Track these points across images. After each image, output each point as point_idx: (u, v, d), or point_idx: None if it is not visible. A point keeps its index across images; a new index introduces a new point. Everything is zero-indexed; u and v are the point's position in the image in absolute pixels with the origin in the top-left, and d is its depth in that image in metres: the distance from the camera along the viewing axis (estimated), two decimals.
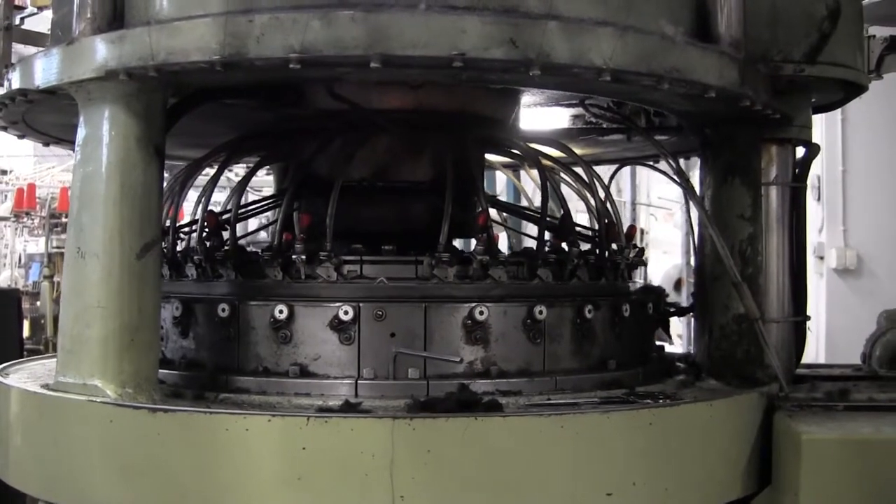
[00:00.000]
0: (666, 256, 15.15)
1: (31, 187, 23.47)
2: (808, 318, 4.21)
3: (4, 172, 26.84)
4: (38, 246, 24.42)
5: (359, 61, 2.90)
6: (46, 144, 4.44)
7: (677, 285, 14.46)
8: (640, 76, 3.10)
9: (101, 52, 3.14)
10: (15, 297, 12.31)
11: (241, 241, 3.90)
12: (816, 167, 12.33)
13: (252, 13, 2.96)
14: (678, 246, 16.27)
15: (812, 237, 12.65)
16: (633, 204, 15.98)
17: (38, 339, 16.88)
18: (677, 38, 3.25)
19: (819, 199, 12.74)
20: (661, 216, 18.00)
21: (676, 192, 3.83)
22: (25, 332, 14.63)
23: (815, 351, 12.37)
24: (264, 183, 12.85)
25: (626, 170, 15.50)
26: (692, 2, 3.47)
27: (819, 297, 12.67)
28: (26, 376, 3.76)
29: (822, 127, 12.17)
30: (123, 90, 3.19)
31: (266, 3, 3.03)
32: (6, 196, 25.28)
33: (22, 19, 6.31)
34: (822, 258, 12.59)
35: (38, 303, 19.56)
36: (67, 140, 3.57)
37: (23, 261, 26.05)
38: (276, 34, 2.91)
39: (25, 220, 24.26)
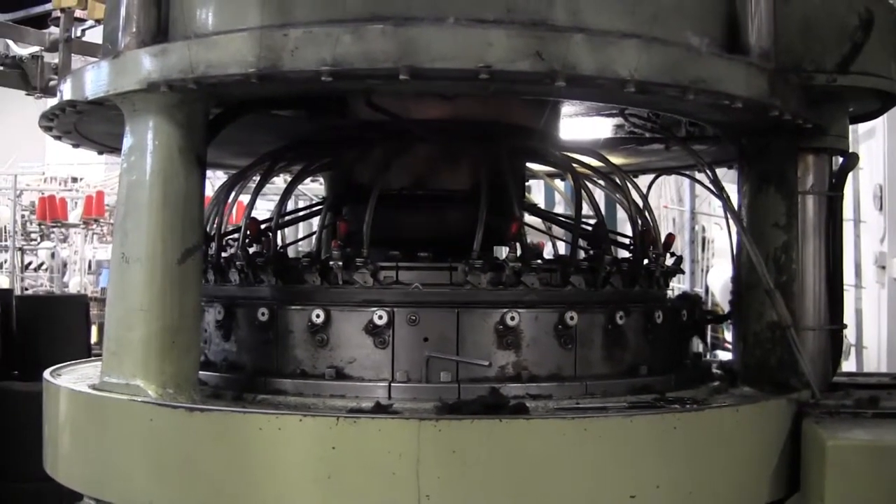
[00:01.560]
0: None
1: (100, 194, 23.81)
2: (845, 326, 4.23)
3: (75, 180, 27.23)
4: (107, 252, 24.73)
5: (388, 73, 2.99)
6: (100, 153, 4.57)
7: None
8: (665, 87, 3.16)
9: (145, 64, 3.26)
10: (83, 303, 12.52)
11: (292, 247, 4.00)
12: (878, 177, 12.35)
13: (287, 27, 3.06)
14: None
15: (874, 247, 12.57)
16: (692, 213, 15.93)
17: (102, 352, 17.04)
18: (703, 49, 3.31)
19: (881, 208, 12.64)
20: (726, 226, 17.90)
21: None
22: (93, 338, 14.84)
23: (875, 360, 12.30)
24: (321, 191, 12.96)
25: (687, 180, 15.47)
26: (722, 14, 3.51)
27: (881, 306, 12.58)
28: (76, 377, 3.89)
29: (884, 135, 12.11)
30: (166, 101, 3.31)
31: (300, 18, 3.12)
32: (76, 203, 25.63)
33: (83, 31, 6.48)
34: (883, 268, 12.49)
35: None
36: (118, 149, 3.68)
37: (92, 267, 26.39)
38: (310, 48, 3.01)
39: (94, 226, 24.62)
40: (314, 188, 14.74)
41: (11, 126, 32.04)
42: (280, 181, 12.99)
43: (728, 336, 11.91)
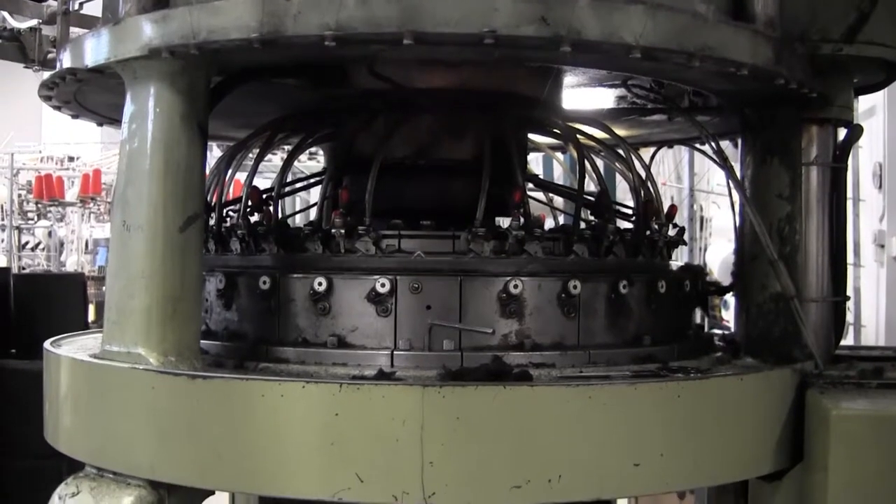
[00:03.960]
0: (731, 245, 15.12)
1: (97, 173, 23.80)
2: (848, 298, 4.23)
3: (72, 159, 27.21)
4: (104, 231, 24.74)
5: (392, 39, 2.96)
6: (100, 124, 4.55)
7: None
8: (671, 53, 3.13)
9: (146, 31, 3.23)
10: (81, 282, 12.50)
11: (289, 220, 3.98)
12: (878, 155, 12.34)
13: None
14: None
15: (873, 225, 12.57)
16: (692, 190, 15.92)
17: (103, 323, 17.08)
18: (709, 16, 3.28)
19: (881, 187, 12.63)
20: (724, 204, 17.91)
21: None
22: (90, 316, 14.83)
23: (874, 339, 12.31)
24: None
25: (686, 157, 15.48)
26: None
27: (879, 285, 12.59)
28: (77, 347, 3.87)
29: (884, 113, 12.10)
30: (167, 68, 3.28)
31: None
32: (73, 182, 25.62)
33: (81, 4, 6.45)
34: (882, 246, 12.49)
35: (104, 287, 19.84)
36: (118, 120, 3.66)
37: (89, 246, 26.40)
38: (313, 12, 2.98)
39: (91, 205, 24.61)
40: (311, 167, 14.73)
41: (8, 105, 32.03)
42: (277, 159, 13.03)
43: (725, 315, 11.91)
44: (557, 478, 3.01)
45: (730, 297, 4.38)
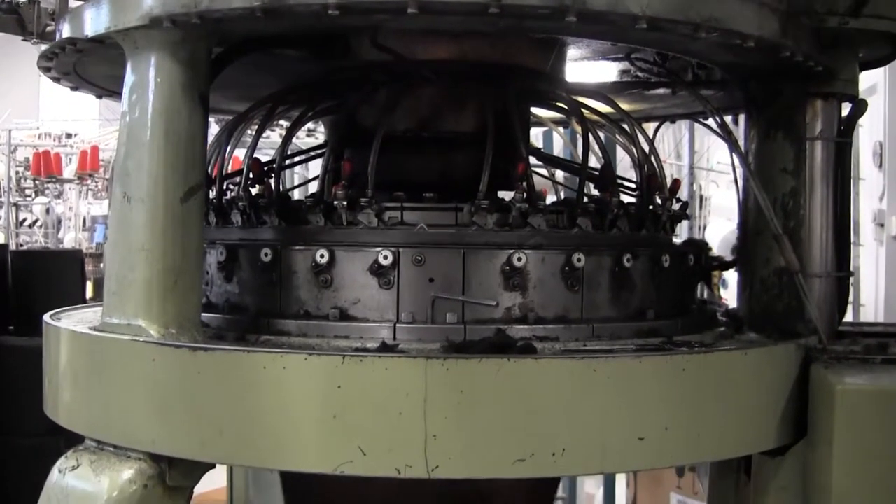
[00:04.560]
0: (730, 224, 15.06)
1: (95, 149, 23.75)
2: (852, 273, 4.21)
3: (70, 136, 27.16)
4: (102, 208, 24.72)
5: (396, 7, 2.93)
6: (99, 97, 4.52)
7: (735, 251, 14.27)
8: (677, 24, 3.10)
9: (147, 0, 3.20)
10: (79, 259, 12.48)
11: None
12: (878, 134, 12.32)
13: None
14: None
15: (873, 204, 12.55)
16: (692, 168, 15.87)
17: (103, 295, 17.09)
18: None
19: (881, 166, 12.61)
20: (722, 183, 17.87)
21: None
22: (88, 293, 14.83)
23: (873, 318, 12.31)
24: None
25: (686, 134, 15.43)
26: None
27: (879, 264, 12.58)
28: (76, 320, 3.85)
29: (885, 92, 12.07)
30: (169, 38, 3.25)
31: None
32: (71, 159, 25.57)
33: None
34: (882, 225, 12.48)
35: (102, 265, 19.83)
36: (117, 92, 3.63)
37: (87, 223, 26.38)
38: None
39: (89, 182, 24.57)
40: (309, 143, 14.68)
41: (5, 82, 31.96)
42: (275, 136, 13.02)
43: (724, 294, 11.89)
44: (561, 451, 2.99)
45: (728, 276, 4.37)
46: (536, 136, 11.54)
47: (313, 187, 4.09)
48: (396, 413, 2.92)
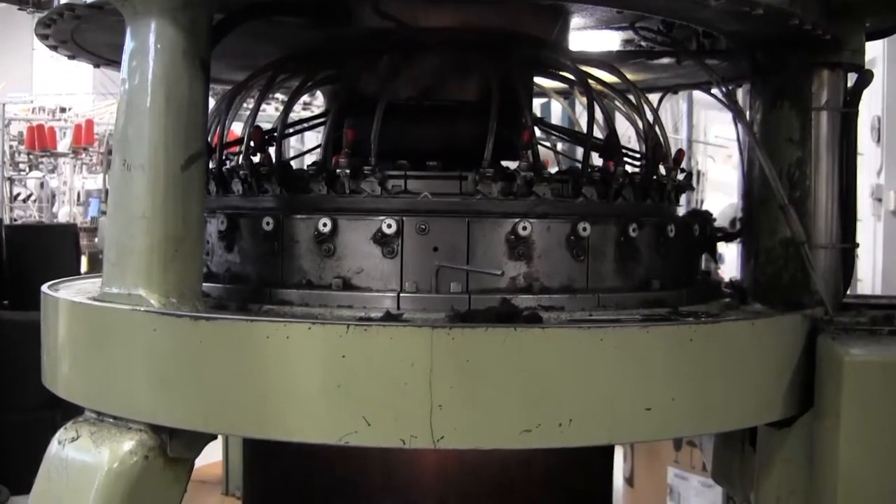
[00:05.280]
0: (727, 198, 15.07)
1: (89, 123, 23.65)
2: (857, 245, 4.18)
3: (64, 110, 27.07)
4: (96, 182, 24.67)
5: None
6: (97, 66, 4.47)
7: (733, 224, 14.27)
8: None
9: None
10: (73, 233, 12.46)
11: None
12: (877, 109, 12.27)
13: None
14: (737, 188, 16.14)
15: (871, 179, 12.52)
16: (690, 142, 15.84)
17: (103, 265, 17.10)
18: None
19: (879, 140, 12.57)
20: (719, 158, 17.85)
21: (734, 131, 3.79)
22: (83, 268, 14.79)
23: (870, 292, 12.28)
24: None
25: (684, 108, 15.39)
26: None
27: (876, 239, 12.55)
28: (75, 291, 3.81)
29: (884, 66, 12.02)
30: (169, 3, 3.20)
31: None
32: (65, 133, 25.48)
33: None
34: (879, 200, 12.44)
35: (97, 239, 19.80)
36: (116, 61, 3.58)
37: (81, 198, 26.32)
38: None
39: (83, 156, 24.48)
40: (306, 116, 14.62)
41: None
42: (271, 109, 12.95)
43: (721, 271, 11.87)
44: (568, 422, 2.95)
45: (724, 251, 4.34)
46: (535, 108, 11.51)
47: (308, 160, 4.05)
48: (402, 383, 2.88)
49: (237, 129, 4.21)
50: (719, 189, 16.33)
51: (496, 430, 2.94)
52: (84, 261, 16.52)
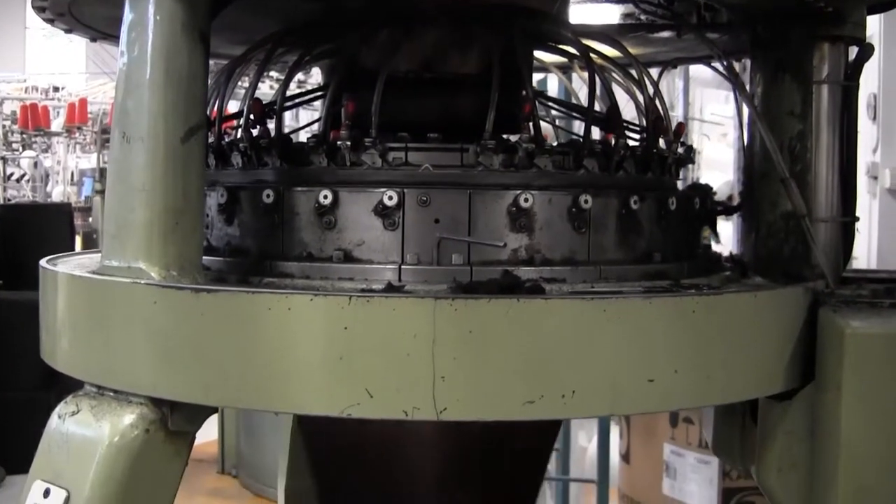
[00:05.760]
0: (722, 176, 15.07)
1: (83, 102, 23.58)
2: (857, 219, 4.17)
3: (57, 89, 26.99)
4: (90, 162, 24.61)
5: None
6: (93, 40, 4.45)
7: (729, 201, 14.25)
8: None
9: None
10: (67, 212, 12.45)
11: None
12: (873, 86, 12.25)
13: None
14: (732, 166, 16.14)
15: (866, 157, 12.50)
16: (686, 119, 15.84)
17: (102, 238, 17.13)
18: None
19: (875, 118, 12.54)
20: (714, 136, 17.86)
21: (730, 108, 3.80)
22: (78, 247, 14.78)
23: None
24: None
25: (680, 86, 15.38)
26: None
27: (872, 217, 12.54)
28: (73, 265, 3.79)
29: (880, 43, 11.99)
30: None
31: None
32: (59, 113, 25.41)
33: None
34: (875, 178, 12.42)
35: (91, 218, 19.78)
36: (114, 35, 3.56)
37: (75, 177, 26.27)
38: None
39: (77, 135, 24.43)
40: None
41: None
42: (266, 87, 12.90)
43: (718, 248, 11.85)
44: (571, 393, 2.95)
45: (720, 228, 4.33)
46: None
47: (303, 137, 4.02)
48: (404, 354, 2.87)
49: (232, 108, 4.19)
50: (714, 167, 16.32)
51: (499, 401, 2.93)
52: (78, 240, 16.52)
